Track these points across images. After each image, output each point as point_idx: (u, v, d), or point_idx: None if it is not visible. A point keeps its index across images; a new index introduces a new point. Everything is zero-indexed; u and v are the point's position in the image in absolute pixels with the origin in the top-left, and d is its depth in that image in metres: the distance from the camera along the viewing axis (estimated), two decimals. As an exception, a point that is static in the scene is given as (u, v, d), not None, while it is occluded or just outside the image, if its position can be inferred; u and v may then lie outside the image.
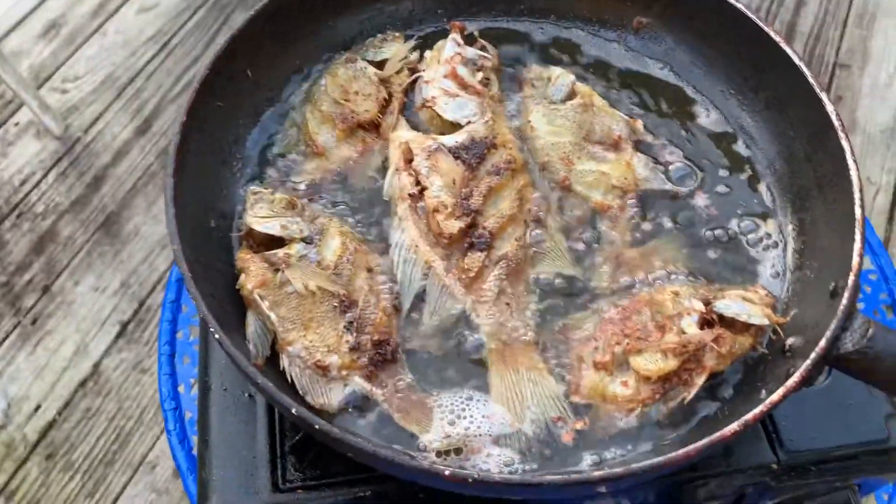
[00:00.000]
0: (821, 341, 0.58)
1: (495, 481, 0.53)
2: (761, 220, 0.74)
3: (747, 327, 0.65)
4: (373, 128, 0.79)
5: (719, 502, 0.70)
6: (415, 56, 0.84)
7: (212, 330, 0.59)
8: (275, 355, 0.66)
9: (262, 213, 0.69)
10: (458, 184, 0.73)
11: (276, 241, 0.70)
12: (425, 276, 0.71)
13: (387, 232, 0.73)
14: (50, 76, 2.06)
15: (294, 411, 0.56)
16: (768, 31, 0.74)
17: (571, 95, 0.80)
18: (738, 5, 0.76)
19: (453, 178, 0.73)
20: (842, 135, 0.68)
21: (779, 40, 0.74)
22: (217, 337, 0.58)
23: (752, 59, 0.77)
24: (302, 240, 0.69)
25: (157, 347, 0.91)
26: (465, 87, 0.79)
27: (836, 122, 0.69)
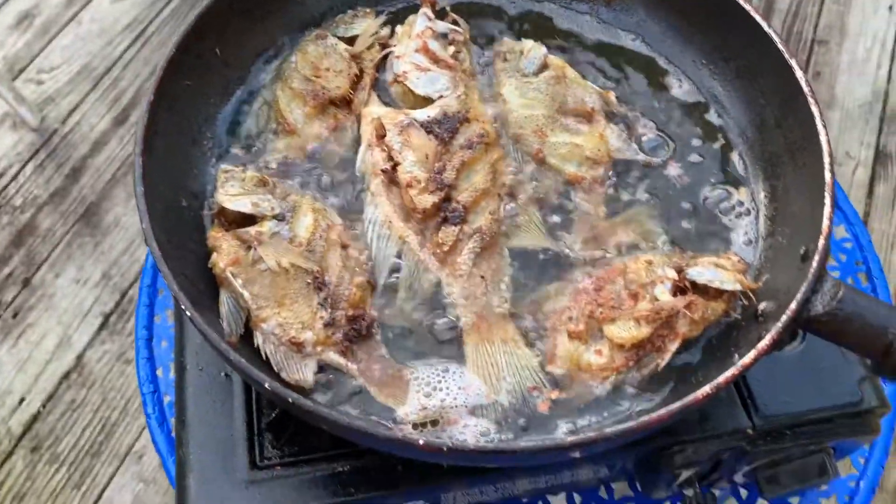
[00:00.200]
0: (791, 304, 0.59)
1: (469, 449, 0.53)
2: (734, 188, 0.75)
3: (720, 293, 0.66)
4: (344, 104, 0.79)
5: (696, 468, 0.70)
6: (386, 31, 0.83)
7: (183, 308, 0.58)
8: (249, 333, 0.65)
9: (233, 191, 0.69)
10: (431, 158, 0.73)
11: (248, 219, 0.69)
12: (399, 252, 0.70)
13: (360, 208, 0.73)
14: (25, 67, 2.03)
15: (267, 386, 0.56)
16: (738, -1, 0.74)
17: (544, 68, 0.79)
18: (708, -27, 0.76)
19: (426, 153, 0.73)
20: (811, 100, 0.68)
21: (748, 9, 0.74)
22: (189, 315, 0.58)
23: (723, 29, 0.77)
24: (274, 217, 0.68)
25: (138, 335, 0.91)
26: (436, 61, 0.78)
27: (805, 88, 0.69)
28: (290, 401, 0.55)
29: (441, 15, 0.83)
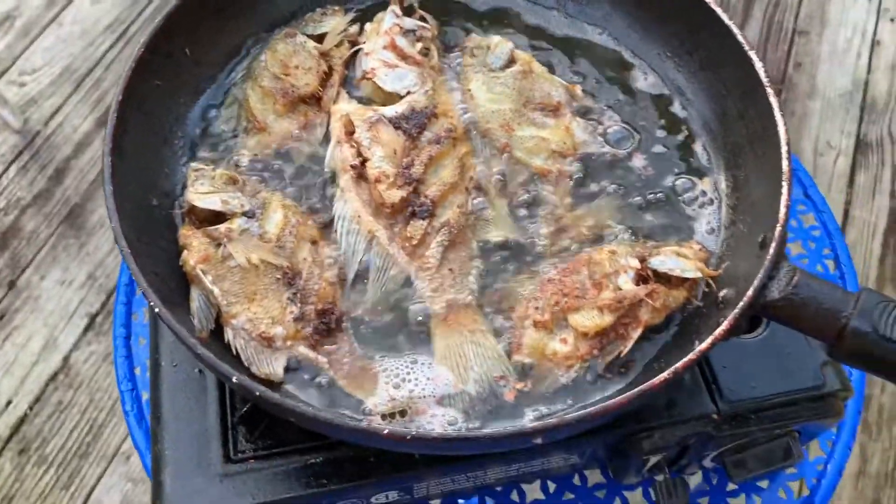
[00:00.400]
0: (748, 291, 0.60)
1: (432, 437, 0.54)
2: (697, 178, 0.76)
3: (682, 281, 0.67)
4: (314, 101, 0.80)
5: (664, 453, 0.72)
6: (354, 29, 0.84)
7: (151, 304, 0.59)
8: (220, 329, 0.66)
9: (202, 189, 0.70)
10: (400, 154, 0.74)
11: (219, 217, 0.70)
12: (369, 246, 0.71)
13: (330, 204, 0.74)
14: (6, 69, 2.03)
15: (235, 380, 0.57)
16: (698, -9, 0.75)
17: (511, 63, 0.81)
18: (670, -33, 0.78)
19: (394, 149, 0.74)
20: (770, 91, 0.69)
21: (710, 2, 0.75)
22: (157, 311, 0.59)
23: (686, 21, 0.78)
24: (243, 214, 0.69)
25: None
26: (404, 57, 0.79)
27: (764, 80, 0.70)
28: (257, 394, 0.56)
29: (409, 11, 0.84)
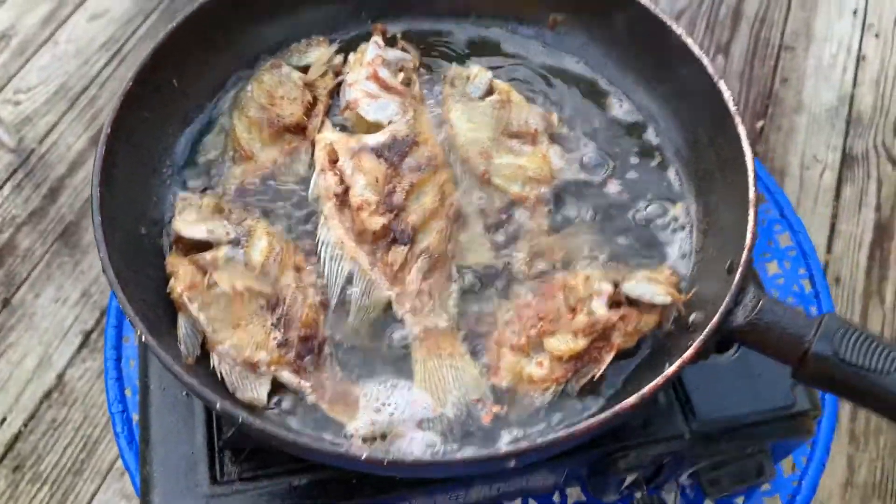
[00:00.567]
0: (714, 316, 0.62)
1: (408, 462, 0.56)
2: (670, 203, 0.78)
3: (653, 306, 0.69)
4: (299, 131, 0.82)
5: (640, 471, 0.74)
6: (339, 59, 0.87)
7: (139, 333, 0.62)
8: (206, 355, 0.68)
9: (189, 218, 0.72)
10: (382, 181, 0.76)
11: (206, 245, 0.72)
12: (351, 272, 0.74)
13: (314, 230, 0.76)
14: (2, 88, 2.05)
15: (218, 406, 0.59)
16: (670, 24, 0.78)
17: (490, 92, 0.83)
18: (641, 1, 0.80)
19: (376, 177, 0.76)
20: (737, 120, 0.72)
21: (680, 32, 0.78)
22: (144, 339, 0.61)
23: (658, 51, 0.81)
24: (229, 242, 0.71)
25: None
26: (386, 88, 0.82)
27: (732, 109, 0.73)
28: (239, 420, 0.58)
29: (392, 42, 0.87)
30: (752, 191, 0.68)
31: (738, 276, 0.64)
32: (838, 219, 1.90)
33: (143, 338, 0.61)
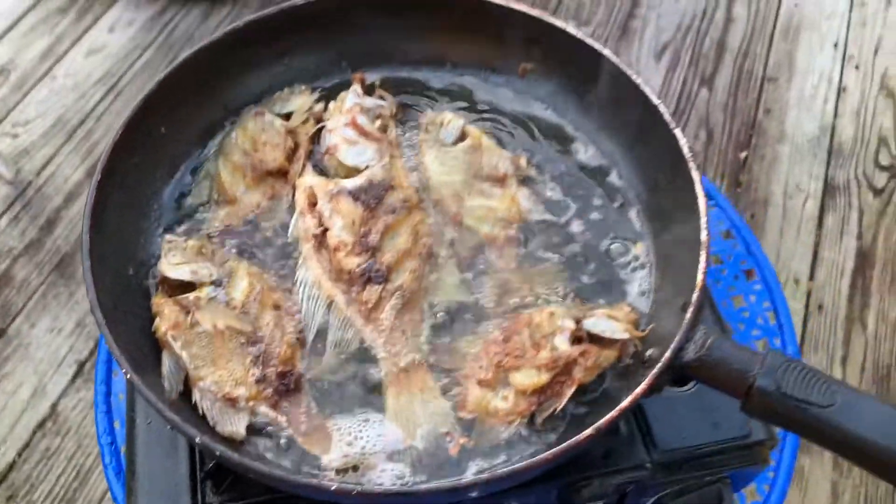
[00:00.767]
0: (667, 352, 0.66)
1: (376, 493, 0.60)
2: (631, 243, 0.83)
3: (613, 342, 0.73)
4: (281, 175, 0.87)
5: (603, 500, 0.77)
6: (320, 107, 0.92)
7: (124, 371, 0.65)
8: (189, 390, 0.72)
9: (175, 260, 0.76)
10: (358, 223, 0.80)
11: (190, 285, 0.76)
12: (328, 310, 0.78)
13: (293, 270, 0.80)
14: (0, 121, 2.10)
15: (198, 440, 0.62)
16: (628, 72, 0.83)
17: (462, 137, 0.88)
18: (605, 51, 0.85)
19: (353, 219, 0.81)
20: (692, 166, 0.77)
21: (638, 81, 0.83)
22: (128, 376, 0.65)
23: (618, 100, 0.86)
24: (212, 283, 0.75)
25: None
26: (364, 134, 0.86)
27: (687, 155, 0.77)
28: (217, 453, 0.62)
29: (370, 90, 0.92)
30: (703, 233, 0.72)
31: (689, 315, 0.68)
32: (821, 246, 1.93)
33: (128, 376, 0.65)
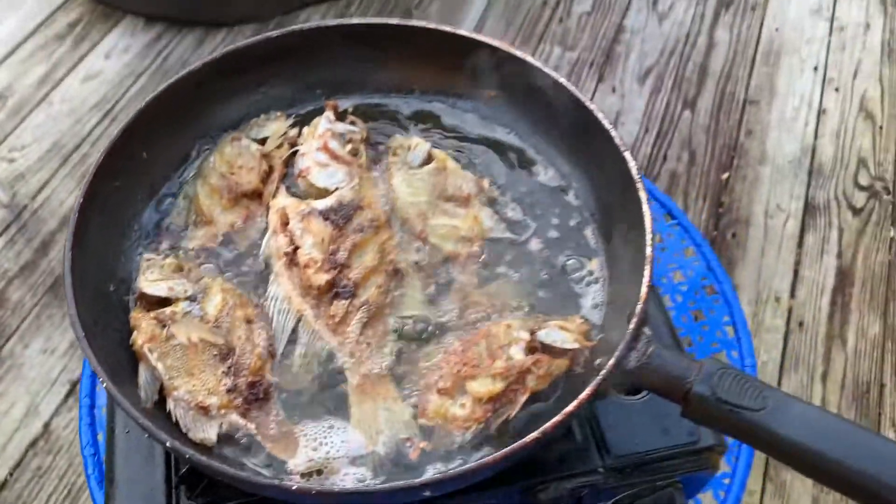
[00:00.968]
0: (610, 360, 0.71)
1: (335, 492, 0.64)
2: (586, 259, 0.87)
3: (565, 352, 0.78)
4: (256, 197, 0.92)
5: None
6: (294, 132, 0.97)
7: (101, 380, 0.70)
8: (164, 400, 0.76)
9: (152, 277, 0.81)
10: (327, 241, 0.85)
11: (167, 301, 0.81)
12: (297, 324, 0.82)
13: (265, 286, 0.85)
14: (-3, 147, 2.16)
15: (168, 444, 0.67)
16: (583, 99, 0.88)
17: (428, 160, 0.93)
18: (561, 79, 0.91)
19: (322, 237, 0.85)
20: (640, 187, 0.81)
21: (592, 107, 0.88)
22: (105, 385, 0.69)
23: (574, 125, 0.91)
24: (187, 298, 0.80)
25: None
26: (335, 157, 0.92)
27: (635, 176, 0.82)
28: (187, 457, 0.66)
29: (342, 116, 0.97)
30: (648, 249, 0.77)
31: (632, 325, 0.72)
32: (801, 265, 1.96)
33: (105, 385, 0.69)
